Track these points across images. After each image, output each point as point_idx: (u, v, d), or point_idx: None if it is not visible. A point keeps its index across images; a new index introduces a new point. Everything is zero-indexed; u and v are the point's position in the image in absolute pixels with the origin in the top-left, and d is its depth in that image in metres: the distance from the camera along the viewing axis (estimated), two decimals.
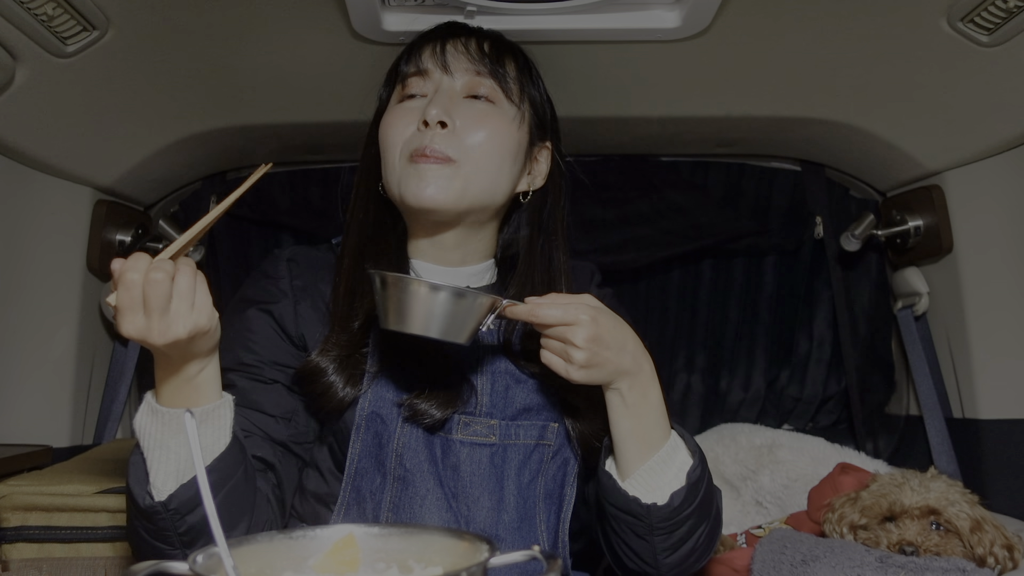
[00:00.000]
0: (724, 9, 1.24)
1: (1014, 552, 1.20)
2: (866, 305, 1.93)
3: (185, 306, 0.81)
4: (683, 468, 1.00)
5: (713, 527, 1.05)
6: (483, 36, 1.13)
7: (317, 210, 1.82)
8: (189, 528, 0.87)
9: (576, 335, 0.93)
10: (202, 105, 1.52)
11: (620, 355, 0.97)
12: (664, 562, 1.01)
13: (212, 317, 0.84)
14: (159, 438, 0.88)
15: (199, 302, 0.82)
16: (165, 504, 0.86)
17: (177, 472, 0.88)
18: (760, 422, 1.96)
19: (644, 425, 1.00)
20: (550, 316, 0.94)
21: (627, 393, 0.99)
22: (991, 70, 1.35)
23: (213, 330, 0.85)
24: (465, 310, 0.94)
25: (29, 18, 1.15)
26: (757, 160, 1.89)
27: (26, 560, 1.23)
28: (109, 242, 1.68)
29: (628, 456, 1.00)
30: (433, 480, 1.04)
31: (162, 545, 0.88)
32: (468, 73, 1.09)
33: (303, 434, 1.08)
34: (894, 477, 1.28)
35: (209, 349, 0.88)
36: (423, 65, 1.08)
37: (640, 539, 1.00)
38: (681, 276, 1.97)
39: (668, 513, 0.98)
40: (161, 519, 0.87)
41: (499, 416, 1.08)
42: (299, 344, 1.09)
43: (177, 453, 0.88)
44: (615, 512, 1.00)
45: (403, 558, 0.73)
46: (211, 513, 0.61)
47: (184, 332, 0.81)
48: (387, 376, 1.06)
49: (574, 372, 0.95)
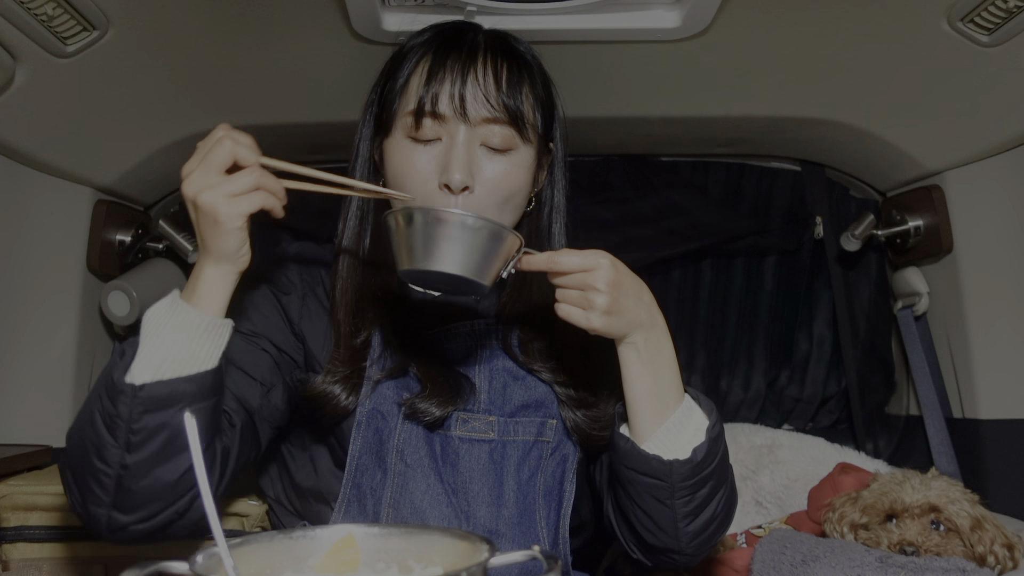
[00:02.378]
0: (724, 9, 1.24)
1: (1014, 551, 1.20)
2: (866, 305, 1.93)
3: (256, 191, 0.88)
4: (701, 427, 1.00)
5: (730, 495, 1.05)
6: (498, 63, 1.05)
7: (317, 210, 1.82)
8: (143, 429, 0.85)
9: (597, 279, 0.93)
10: (202, 105, 1.52)
11: (638, 305, 0.97)
12: (685, 530, 1.00)
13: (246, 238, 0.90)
14: (160, 328, 0.87)
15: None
16: (136, 388, 0.84)
17: (159, 367, 0.86)
18: (760, 422, 1.96)
19: (660, 384, 0.99)
20: (569, 263, 0.93)
21: (643, 348, 0.98)
22: (991, 70, 1.35)
23: (246, 249, 0.90)
24: (495, 247, 0.92)
25: (29, 18, 1.15)
26: (757, 160, 1.89)
27: (26, 560, 1.23)
28: (109, 242, 1.68)
29: (644, 418, 0.99)
30: (433, 476, 1.04)
31: (106, 437, 0.85)
32: (487, 122, 1.03)
33: (272, 413, 1.05)
34: (895, 476, 1.28)
35: (240, 265, 0.91)
36: (440, 110, 1.02)
37: (661, 504, 0.99)
38: (681, 276, 1.97)
39: (690, 470, 0.97)
40: (123, 403, 0.84)
41: (497, 413, 1.09)
42: (298, 335, 1.09)
43: (168, 348, 0.86)
44: (634, 477, 0.99)
45: (403, 558, 0.73)
46: (211, 512, 0.61)
47: (249, 208, 0.87)
48: (389, 376, 1.07)
49: (595, 319, 0.94)
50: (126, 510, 0.87)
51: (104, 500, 0.87)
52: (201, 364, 0.88)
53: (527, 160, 1.07)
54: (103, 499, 0.87)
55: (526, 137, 1.05)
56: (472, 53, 1.05)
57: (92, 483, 0.87)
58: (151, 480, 0.87)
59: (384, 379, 1.06)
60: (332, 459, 1.08)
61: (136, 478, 0.86)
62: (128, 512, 0.88)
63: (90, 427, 0.87)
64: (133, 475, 0.86)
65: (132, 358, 0.86)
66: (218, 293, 0.91)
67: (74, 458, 0.89)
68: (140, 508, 0.88)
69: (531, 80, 1.08)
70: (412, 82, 1.05)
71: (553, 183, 1.16)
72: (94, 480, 0.86)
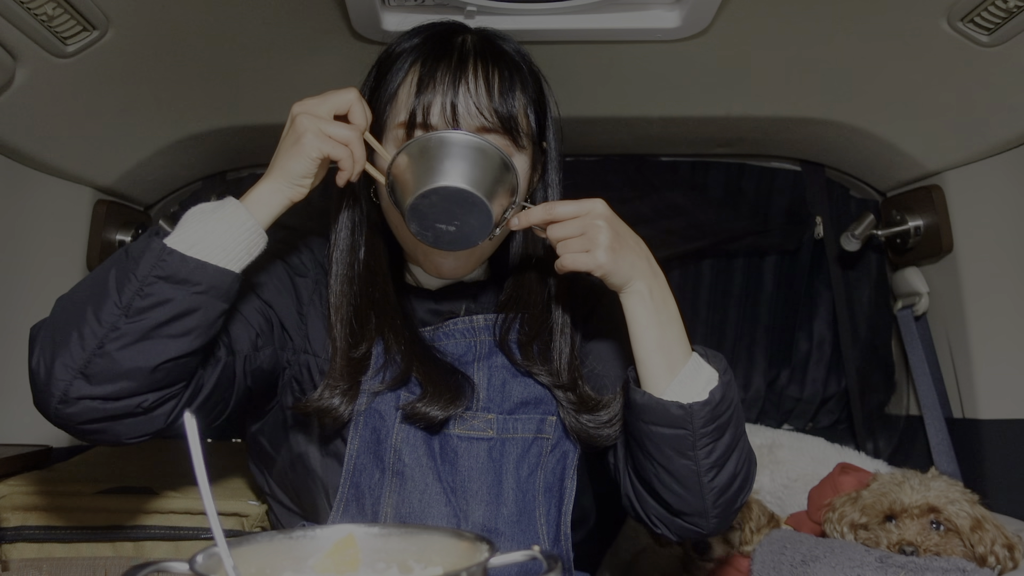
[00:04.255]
0: (724, 9, 1.24)
1: (1014, 552, 1.20)
2: (866, 305, 1.94)
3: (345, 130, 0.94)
4: (713, 375, 1.00)
5: (750, 453, 1.05)
6: (489, 69, 1.03)
7: (317, 210, 1.81)
8: (151, 294, 0.86)
9: (596, 216, 0.95)
10: (202, 105, 1.52)
11: (638, 249, 0.99)
12: (709, 487, 1.00)
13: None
14: (204, 214, 0.92)
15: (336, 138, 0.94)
16: (165, 250, 0.87)
17: (191, 244, 0.89)
18: (760, 422, 1.96)
19: (668, 335, 1.00)
20: (566, 210, 0.96)
21: (649, 297, 1.00)
22: (991, 70, 1.35)
23: (307, 182, 0.95)
24: (500, 175, 0.95)
25: (29, 18, 1.15)
26: (757, 160, 1.89)
27: (26, 560, 1.23)
28: (109, 242, 1.68)
29: (657, 372, 1.00)
30: (432, 475, 1.04)
31: (112, 292, 0.87)
32: (480, 131, 1.01)
33: (255, 370, 1.04)
34: (894, 476, 1.28)
35: (295, 194, 0.95)
36: (432, 122, 1.01)
37: (683, 458, 0.98)
38: (681, 276, 1.97)
39: (709, 412, 0.97)
40: (147, 261, 0.87)
41: (496, 410, 1.09)
42: (303, 317, 1.09)
43: (206, 232, 0.90)
44: (654, 432, 0.99)
45: (403, 558, 0.73)
46: (211, 512, 0.61)
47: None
48: (389, 388, 1.06)
49: (600, 255, 0.95)
50: (94, 379, 0.87)
51: (75, 362, 0.86)
52: (229, 262, 0.91)
53: (522, 166, 1.06)
54: (74, 360, 0.86)
55: (520, 144, 1.05)
56: (462, 60, 1.03)
57: (73, 339, 0.86)
58: (132, 353, 0.87)
59: (384, 391, 1.06)
60: (327, 455, 1.08)
61: (120, 345, 0.86)
62: (95, 383, 0.87)
63: (97, 283, 0.88)
64: (117, 341, 0.86)
65: (165, 232, 0.91)
66: (267, 206, 0.94)
67: (61, 314, 0.90)
68: (106, 382, 0.87)
69: (523, 84, 1.06)
70: (401, 92, 1.03)
71: (547, 184, 1.15)
72: (77, 335, 0.86)
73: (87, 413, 0.88)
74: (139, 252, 0.88)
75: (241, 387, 1.03)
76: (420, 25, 1.10)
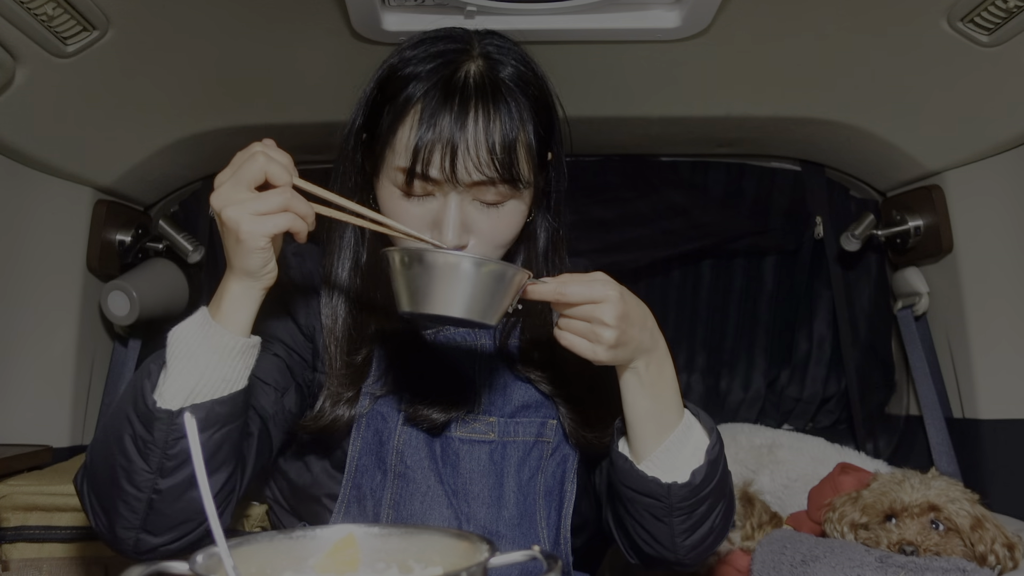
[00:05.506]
0: (724, 9, 1.24)
1: (1015, 551, 1.20)
2: (866, 305, 1.93)
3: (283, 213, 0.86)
4: (700, 447, 0.99)
5: (728, 507, 1.04)
6: (491, 117, 0.97)
7: None
8: (178, 454, 0.84)
9: (606, 313, 0.90)
10: (202, 105, 1.52)
11: (642, 332, 0.95)
12: (682, 544, 1.00)
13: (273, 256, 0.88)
14: (192, 349, 0.86)
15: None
16: (173, 415, 0.83)
17: (192, 390, 0.85)
18: (760, 422, 1.96)
19: (660, 405, 0.98)
20: (578, 293, 0.90)
21: (644, 372, 0.96)
22: (991, 70, 1.35)
23: (271, 267, 0.88)
24: (501, 287, 0.88)
25: (29, 18, 1.15)
26: (757, 160, 1.89)
27: (26, 560, 1.23)
28: (109, 242, 1.68)
29: (644, 437, 0.99)
30: (433, 477, 1.04)
31: (138, 462, 0.84)
32: (479, 185, 0.98)
33: (286, 418, 1.05)
34: (894, 476, 1.28)
35: (265, 282, 0.89)
36: (431, 175, 0.97)
37: (659, 522, 0.98)
38: (681, 276, 1.97)
39: (688, 492, 0.96)
40: (159, 429, 0.83)
41: (497, 413, 1.09)
42: (307, 334, 1.08)
43: (202, 371, 0.85)
44: (632, 495, 0.99)
45: (403, 558, 0.73)
46: (211, 512, 0.61)
47: (275, 229, 0.85)
48: (391, 392, 1.06)
49: (602, 353, 0.91)
50: (157, 532, 0.87)
51: (133, 523, 0.86)
52: (233, 385, 0.88)
53: (522, 207, 1.04)
54: (132, 522, 0.86)
55: (520, 188, 1.01)
56: (463, 106, 0.97)
57: (121, 507, 0.86)
58: (184, 503, 0.86)
59: (385, 395, 1.06)
60: (328, 459, 1.08)
61: (169, 501, 0.86)
62: (159, 534, 0.87)
63: (119, 451, 0.85)
64: (166, 499, 0.85)
65: (158, 376, 0.86)
66: (244, 309, 0.89)
67: (99, 482, 0.88)
68: (171, 530, 0.87)
69: (523, 127, 1.00)
70: (401, 133, 0.99)
71: (552, 215, 1.12)
72: (123, 504, 0.86)
73: (165, 554, 0.88)
74: (147, 419, 0.84)
75: (278, 436, 1.04)
76: (425, 38, 1.04)
